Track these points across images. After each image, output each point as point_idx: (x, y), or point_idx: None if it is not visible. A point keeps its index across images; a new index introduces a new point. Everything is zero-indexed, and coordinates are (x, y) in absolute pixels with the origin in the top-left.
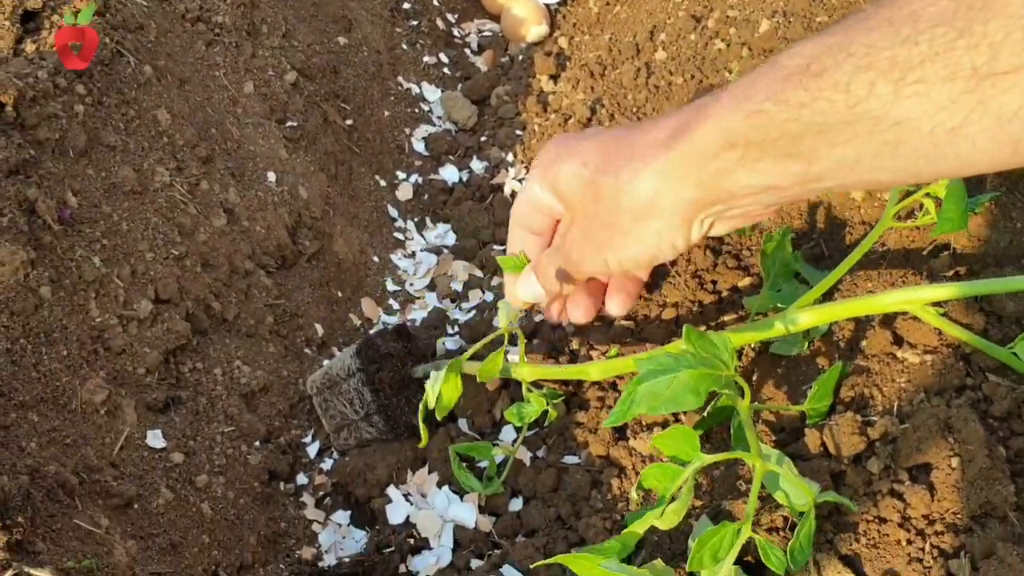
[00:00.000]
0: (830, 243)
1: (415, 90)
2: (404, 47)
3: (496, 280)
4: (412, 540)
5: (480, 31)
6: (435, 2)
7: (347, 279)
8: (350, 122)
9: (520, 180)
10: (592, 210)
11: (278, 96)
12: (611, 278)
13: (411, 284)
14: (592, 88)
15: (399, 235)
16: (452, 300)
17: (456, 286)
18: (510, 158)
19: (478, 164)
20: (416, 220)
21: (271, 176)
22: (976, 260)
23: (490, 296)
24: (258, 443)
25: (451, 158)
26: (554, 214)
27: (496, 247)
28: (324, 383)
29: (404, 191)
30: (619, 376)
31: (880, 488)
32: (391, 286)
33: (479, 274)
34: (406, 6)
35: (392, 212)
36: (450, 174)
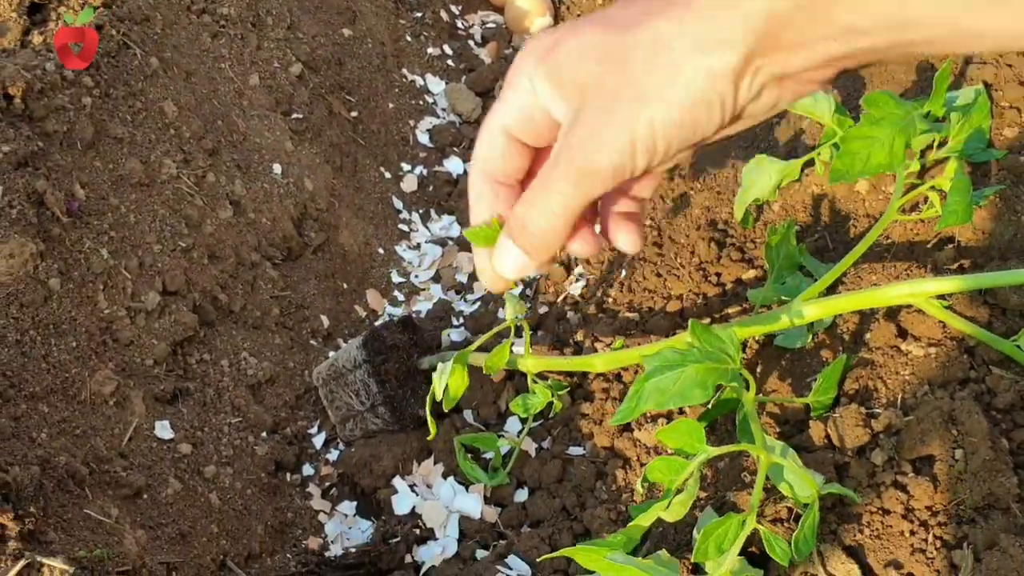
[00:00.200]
0: (835, 236)
1: (419, 82)
2: (408, 39)
3: None
4: (418, 530)
5: (484, 23)
6: None
7: (352, 271)
8: (355, 114)
9: None
10: (616, 79)
11: (283, 88)
12: (617, 197)
13: (416, 276)
14: None
15: (404, 227)
16: (457, 291)
17: (461, 277)
18: None
19: None
20: (421, 212)
21: (277, 168)
22: (980, 253)
23: None
24: (265, 434)
25: (455, 150)
26: (547, 125)
27: None
28: (330, 374)
29: (409, 183)
30: (624, 368)
31: (884, 480)
32: (396, 278)
33: None
34: None
35: (397, 204)
36: (454, 166)
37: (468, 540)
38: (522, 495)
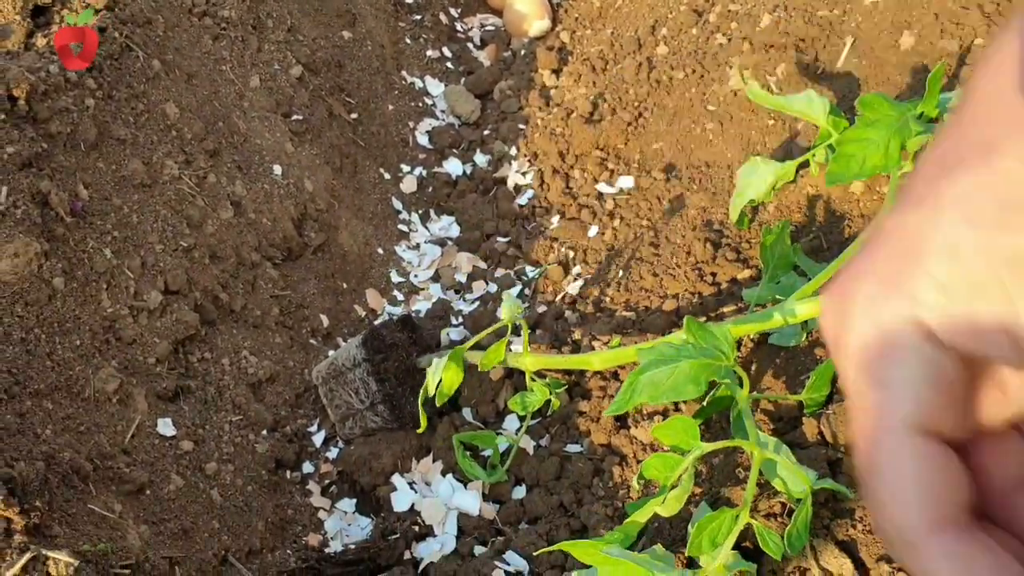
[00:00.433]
0: (829, 236)
1: (419, 84)
2: (408, 41)
3: (499, 271)
4: (417, 527)
5: (483, 26)
6: None
7: (352, 271)
8: (355, 116)
9: (523, 173)
10: None
11: (284, 90)
12: None
13: (415, 275)
14: (594, 83)
15: (403, 227)
16: (456, 291)
17: (460, 277)
18: (513, 152)
19: (481, 157)
20: (420, 212)
21: (277, 169)
22: None
23: (494, 287)
24: (265, 432)
25: (455, 151)
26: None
27: (500, 239)
28: (330, 373)
29: (408, 184)
30: (621, 366)
31: None
32: (396, 277)
33: (483, 265)
34: (409, 1)
35: (396, 204)
36: (454, 167)
37: (466, 537)
38: (520, 492)
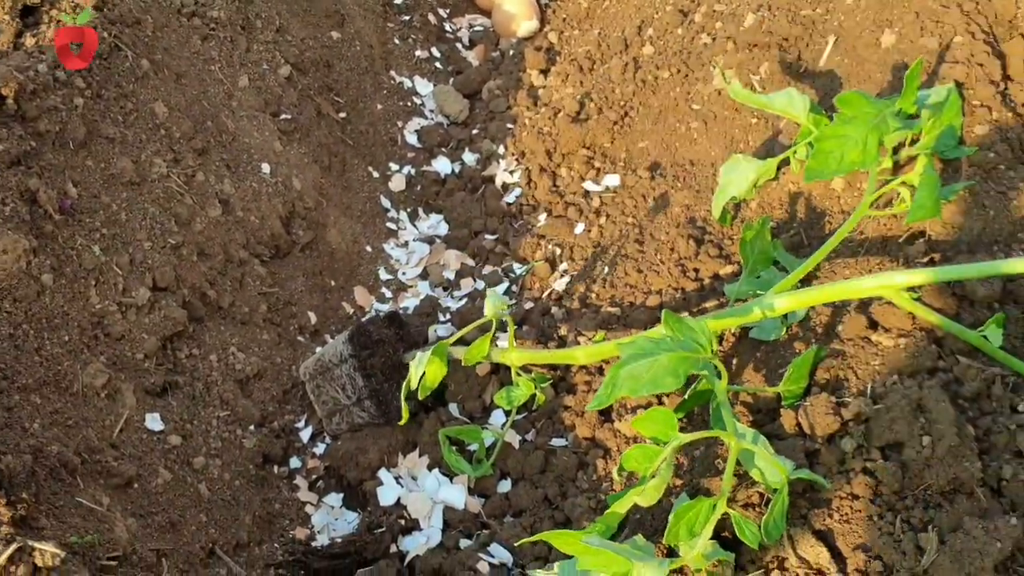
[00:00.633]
0: (810, 232)
1: (407, 84)
2: (396, 41)
3: (487, 269)
4: (403, 521)
5: (471, 26)
6: None
7: (340, 268)
8: (343, 115)
9: (511, 172)
10: None
11: (272, 89)
12: None
13: (404, 273)
14: (581, 82)
15: (392, 225)
16: (444, 288)
17: (448, 275)
18: (501, 150)
19: (470, 156)
20: (409, 210)
21: (265, 167)
22: (950, 247)
23: (481, 284)
24: (252, 427)
25: (443, 150)
26: None
27: (488, 237)
28: (317, 369)
29: (397, 182)
30: (605, 360)
31: (853, 466)
32: (384, 275)
33: (471, 263)
34: (398, 1)
35: (385, 203)
36: (442, 166)
37: (452, 530)
38: (505, 486)
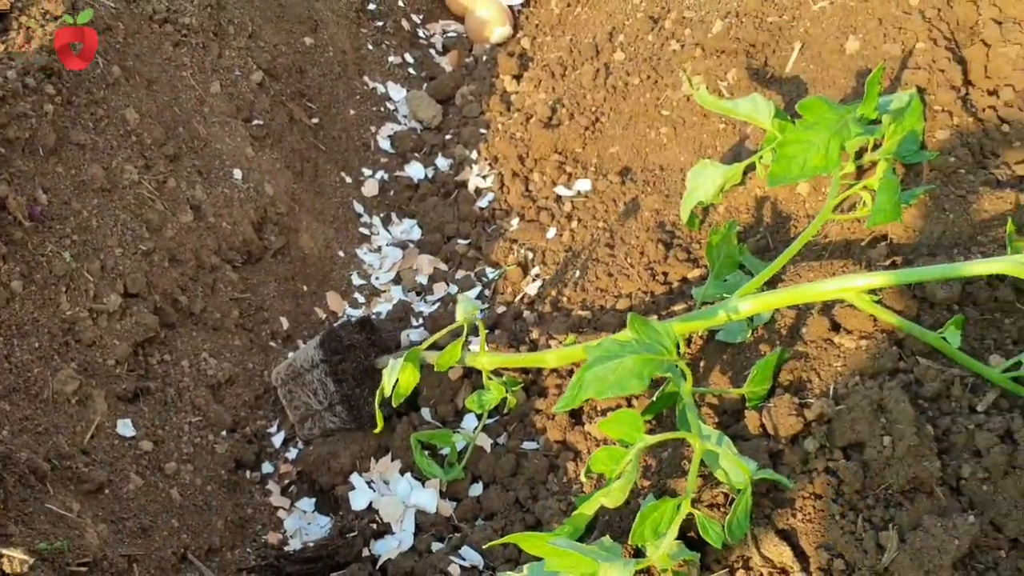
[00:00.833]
0: (776, 236)
1: (381, 89)
2: (370, 47)
3: (460, 273)
4: (375, 525)
5: (445, 32)
6: (400, 3)
7: (313, 273)
8: (316, 120)
9: (484, 177)
10: None
11: (244, 95)
12: None
13: (376, 278)
14: (553, 88)
15: (365, 230)
16: (417, 293)
17: (421, 279)
18: (474, 155)
19: (443, 161)
20: (382, 215)
21: (237, 173)
22: (911, 250)
23: (454, 289)
24: (225, 433)
25: (416, 155)
26: None
27: (460, 241)
28: (289, 374)
29: (370, 187)
30: (576, 363)
31: (816, 466)
32: (357, 280)
33: (444, 267)
34: (372, 7)
35: (358, 208)
36: (415, 171)
37: (424, 533)
38: (477, 489)
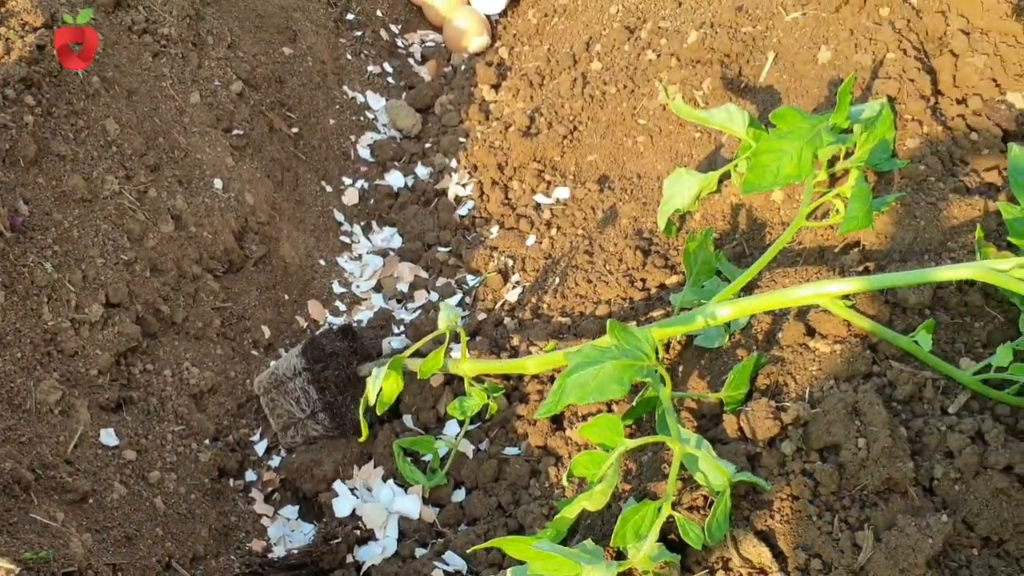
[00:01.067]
0: (751, 243)
1: (360, 99)
2: (349, 57)
3: (441, 281)
4: (358, 532)
5: (423, 41)
6: (379, 13)
7: (294, 282)
8: (296, 130)
9: (464, 185)
10: None
11: (224, 105)
12: None
13: (357, 286)
14: (531, 97)
15: (345, 239)
16: (398, 301)
17: (402, 287)
18: (454, 164)
19: (423, 170)
20: (362, 224)
21: (218, 183)
22: (883, 256)
23: (435, 296)
24: (208, 441)
25: (396, 164)
26: None
27: (441, 249)
28: (271, 383)
29: (350, 196)
30: (556, 369)
31: (793, 468)
32: (338, 288)
33: (424, 275)
34: (350, 17)
35: (338, 216)
36: (395, 179)
37: (407, 539)
38: (459, 495)
